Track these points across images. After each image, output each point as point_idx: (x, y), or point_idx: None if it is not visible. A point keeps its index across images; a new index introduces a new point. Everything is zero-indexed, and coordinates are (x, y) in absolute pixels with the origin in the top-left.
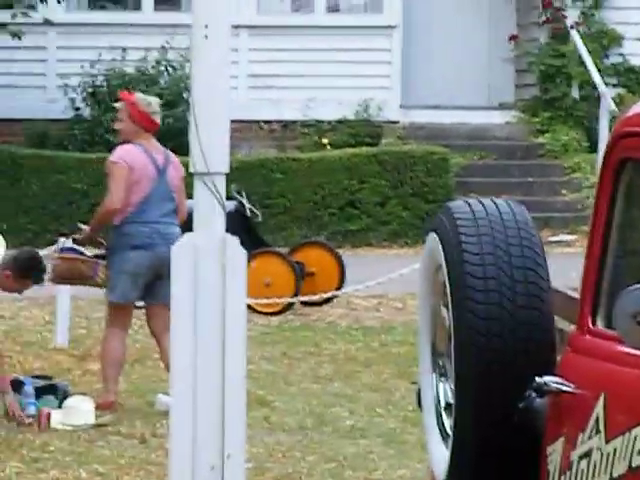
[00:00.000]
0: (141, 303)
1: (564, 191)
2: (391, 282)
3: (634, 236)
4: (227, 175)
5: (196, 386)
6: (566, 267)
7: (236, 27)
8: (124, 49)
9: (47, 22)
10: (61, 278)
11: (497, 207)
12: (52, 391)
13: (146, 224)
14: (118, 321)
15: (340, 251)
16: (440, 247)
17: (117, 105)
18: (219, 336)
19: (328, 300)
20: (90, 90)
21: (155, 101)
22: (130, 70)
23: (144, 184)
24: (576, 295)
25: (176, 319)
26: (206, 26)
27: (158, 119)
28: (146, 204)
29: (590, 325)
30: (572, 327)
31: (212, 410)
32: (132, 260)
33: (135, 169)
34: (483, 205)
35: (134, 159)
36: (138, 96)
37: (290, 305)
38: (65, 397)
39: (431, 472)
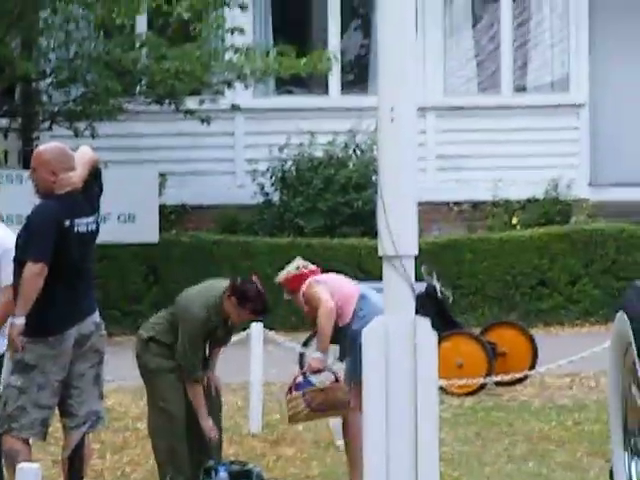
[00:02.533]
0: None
1: None
2: (583, 360)
3: None
4: (417, 257)
5: (389, 468)
6: None
7: (423, 109)
8: (312, 133)
9: (235, 108)
10: (319, 411)
11: None
12: (247, 476)
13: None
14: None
15: (532, 330)
16: (629, 326)
17: (286, 297)
18: (411, 418)
19: (521, 380)
20: (279, 175)
21: (295, 262)
22: (318, 154)
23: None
24: None
25: (368, 401)
26: (392, 109)
27: (310, 266)
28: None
29: None
30: None
31: None
32: None
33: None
34: None
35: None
36: (286, 272)
37: (483, 386)
38: None
39: None
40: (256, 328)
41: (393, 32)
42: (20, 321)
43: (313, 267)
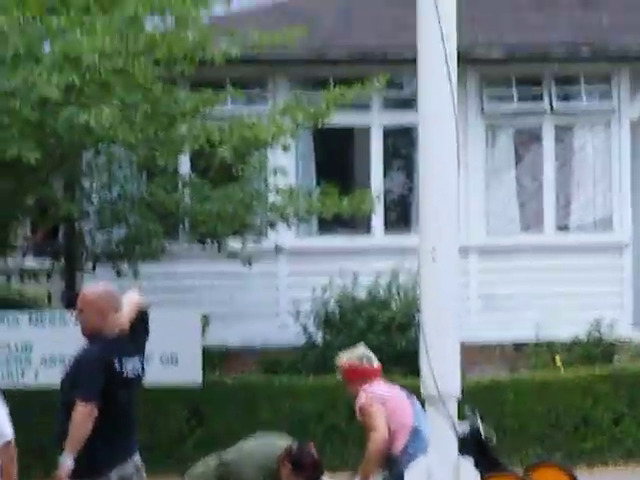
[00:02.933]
0: None
1: None
2: None
3: None
4: (459, 398)
5: None
6: None
7: (466, 249)
8: (355, 273)
9: (278, 249)
10: None
11: None
12: None
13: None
14: None
15: (575, 471)
16: None
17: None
18: None
19: None
20: (322, 315)
21: (360, 349)
22: (361, 294)
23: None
24: None
25: None
26: (434, 249)
27: (373, 361)
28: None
29: None
30: None
31: None
32: None
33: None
34: None
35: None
36: (347, 359)
37: None
38: None
39: None
40: None
41: (434, 172)
42: (70, 461)
43: (377, 364)
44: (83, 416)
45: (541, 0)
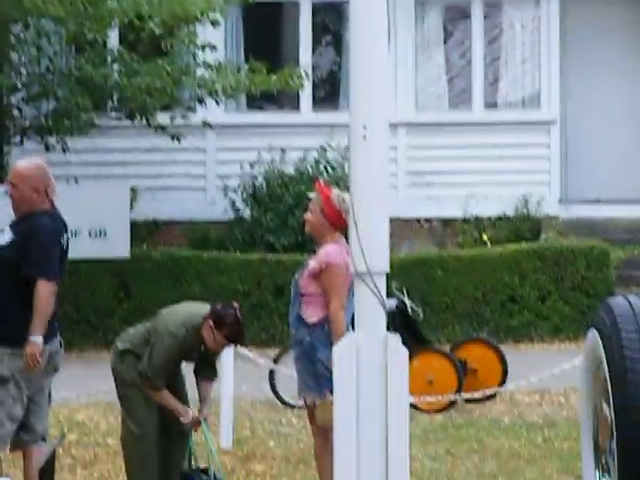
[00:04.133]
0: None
1: None
2: (553, 377)
3: None
4: (388, 274)
5: None
6: None
7: (394, 125)
8: (283, 149)
9: (206, 124)
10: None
11: None
12: None
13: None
14: None
15: (502, 347)
16: (600, 344)
17: (311, 195)
18: (382, 434)
19: (491, 396)
20: (250, 191)
21: (349, 198)
22: (289, 170)
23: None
24: None
25: (338, 417)
26: (364, 126)
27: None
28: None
29: None
30: None
31: None
32: None
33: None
34: None
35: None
36: (334, 192)
37: (453, 402)
38: None
39: None
40: None
41: (364, 49)
42: (39, 340)
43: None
44: (48, 294)
45: None
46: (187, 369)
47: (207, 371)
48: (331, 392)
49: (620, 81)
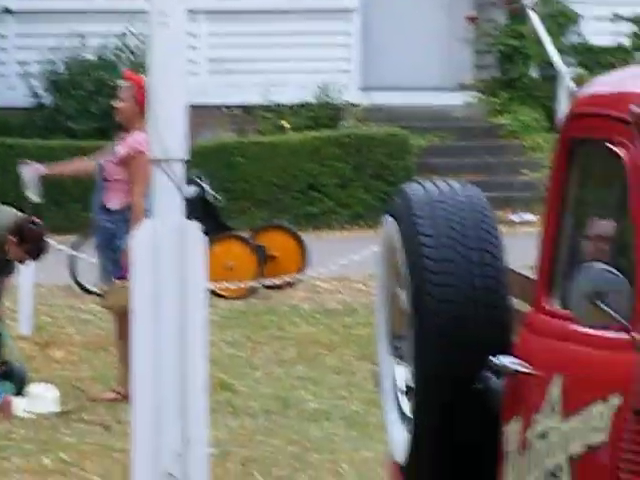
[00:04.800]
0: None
1: (524, 171)
2: (353, 264)
3: (588, 216)
4: (188, 160)
5: (157, 371)
6: (527, 247)
7: (194, 12)
8: (83, 36)
9: (6, 10)
10: None
11: (452, 189)
12: (9, 376)
13: None
14: None
15: (302, 234)
16: (396, 230)
17: (121, 83)
18: (180, 320)
19: (291, 283)
20: (50, 77)
21: None
22: (90, 57)
23: None
24: (532, 275)
25: (137, 304)
26: (162, 13)
27: None
28: None
29: (546, 305)
30: (528, 307)
31: (174, 395)
32: None
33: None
34: (438, 187)
35: None
36: (146, 80)
37: (253, 289)
38: (22, 382)
39: (391, 454)
40: None
41: None
42: None
43: None
44: None
45: None
46: None
47: (6, 269)
48: (126, 278)
49: None
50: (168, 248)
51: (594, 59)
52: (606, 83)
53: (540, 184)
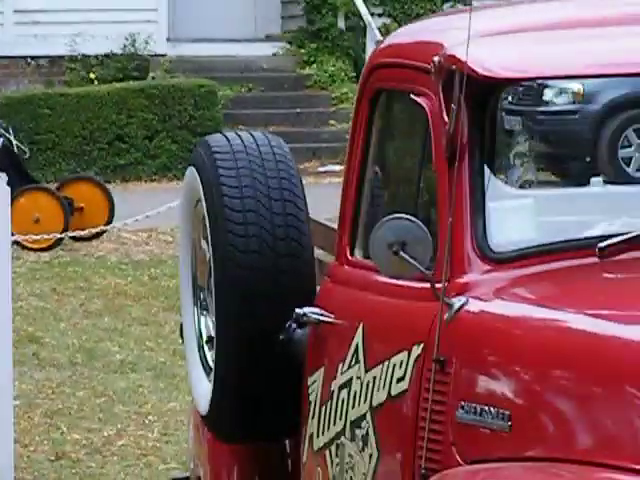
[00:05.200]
0: None
1: (332, 121)
2: (160, 216)
3: (389, 167)
4: None
5: None
6: (334, 197)
7: None
8: None
9: None
10: None
11: (255, 140)
12: None
13: None
14: None
15: (109, 186)
16: (199, 181)
17: None
18: None
19: (97, 235)
20: None
21: None
22: None
23: None
24: (335, 226)
25: None
26: None
27: None
28: None
29: (348, 256)
30: (331, 258)
31: None
32: None
33: None
34: (241, 138)
35: None
36: None
37: (59, 241)
38: None
39: (194, 405)
40: None
41: None
42: None
43: None
44: None
45: None
46: None
47: None
48: None
49: None
50: None
51: (400, 9)
52: (408, 33)
53: (347, 134)
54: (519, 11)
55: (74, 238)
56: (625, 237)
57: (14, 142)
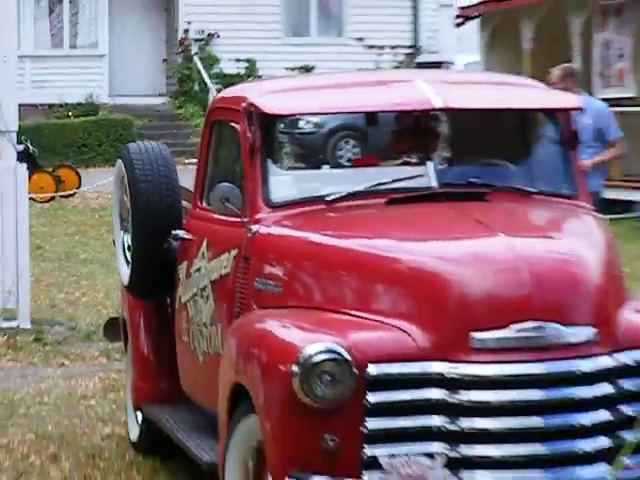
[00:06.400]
0: None
1: (192, 137)
2: (104, 185)
3: (219, 160)
4: None
5: None
6: (192, 176)
7: None
8: None
9: None
10: None
11: (152, 145)
12: None
13: None
14: None
15: (79, 170)
16: (123, 167)
17: None
18: None
19: (72, 195)
20: None
21: None
22: None
23: None
24: (192, 189)
25: None
26: None
27: None
28: None
29: (199, 204)
30: (191, 206)
31: None
32: None
33: None
34: (145, 144)
35: None
36: None
37: (53, 198)
38: None
39: (121, 280)
40: None
41: None
42: None
43: None
44: None
45: None
46: None
47: None
48: None
49: None
50: None
51: (227, 81)
52: (230, 92)
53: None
54: (290, 80)
55: (61, 196)
56: (340, 195)
57: (30, 147)
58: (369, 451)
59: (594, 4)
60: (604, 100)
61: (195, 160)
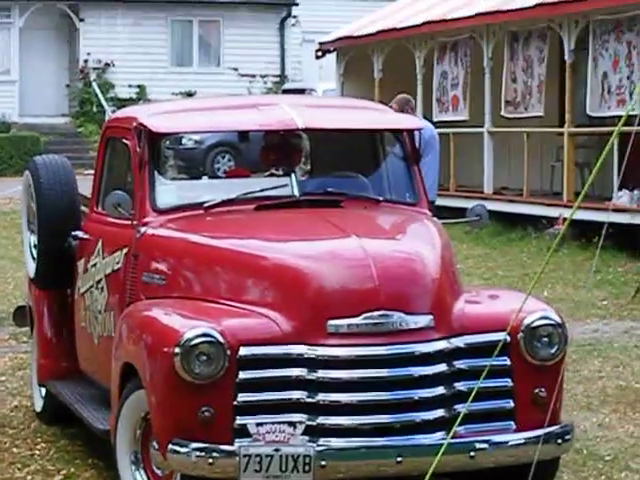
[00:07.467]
0: None
1: (91, 151)
2: (15, 192)
3: (111, 172)
4: None
5: None
6: (89, 185)
7: None
8: None
9: None
10: None
11: (54, 158)
12: None
13: None
14: None
15: None
16: (30, 176)
17: None
18: None
19: None
20: None
21: None
22: None
23: None
24: (89, 195)
25: None
26: None
27: None
28: None
29: (95, 209)
30: (88, 210)
31: None
32: None
33: None
34: (49, 158)
35: None
36: None
37: None
38: None
39: (28, 273)
40: None
41: None
42: None
43: None
44: None
45: None
46: None
47: None
48: None
49: None
50: None
51: (120, 104)
52: (123, 112)
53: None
54: (174, 103)
55: None
56: (216, 202)
57: None
58: (240, 421)
59: (434, 41)
60: (441, 122)
61: (92, 171)
